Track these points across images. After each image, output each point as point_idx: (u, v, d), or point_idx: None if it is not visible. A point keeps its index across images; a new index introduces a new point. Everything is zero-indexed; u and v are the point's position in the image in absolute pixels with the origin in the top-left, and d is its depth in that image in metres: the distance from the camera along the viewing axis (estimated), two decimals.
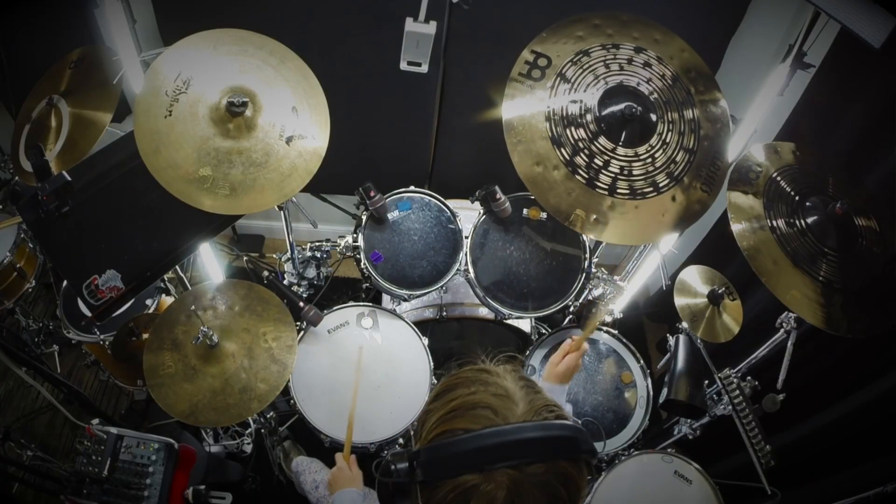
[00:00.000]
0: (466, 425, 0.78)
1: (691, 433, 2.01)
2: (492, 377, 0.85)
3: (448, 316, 2.23)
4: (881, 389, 1.75)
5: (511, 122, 1.52)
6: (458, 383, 0.85)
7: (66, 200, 1.50)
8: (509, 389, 0.83)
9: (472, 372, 0.87)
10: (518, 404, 0.80)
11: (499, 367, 0.88)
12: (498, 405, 0.80)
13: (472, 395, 0.82)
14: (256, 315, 1.75)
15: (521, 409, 0.80)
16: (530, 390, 0.84)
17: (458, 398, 0.82)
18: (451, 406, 0.82)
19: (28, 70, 1.89)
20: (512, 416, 0.79)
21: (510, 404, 0.80)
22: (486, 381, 0.84)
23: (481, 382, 0.84)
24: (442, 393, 0.86)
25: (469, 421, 0.79)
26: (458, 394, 0.83)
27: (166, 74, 1.45)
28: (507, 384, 0.84)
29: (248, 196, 1.45)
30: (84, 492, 1.69)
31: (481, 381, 0.84)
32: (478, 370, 0.87)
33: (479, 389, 0.82)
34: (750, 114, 1.79)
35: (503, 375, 0.86)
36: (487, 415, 0.79)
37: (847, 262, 1.52)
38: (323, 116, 1.55)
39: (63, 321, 2.19)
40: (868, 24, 1.36)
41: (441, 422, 0.81)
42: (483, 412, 0.79)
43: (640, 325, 3.16)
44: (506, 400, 0.81)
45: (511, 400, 0.81)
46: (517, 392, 0.82)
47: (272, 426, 2.20)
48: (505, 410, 0.79)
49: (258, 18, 1.67)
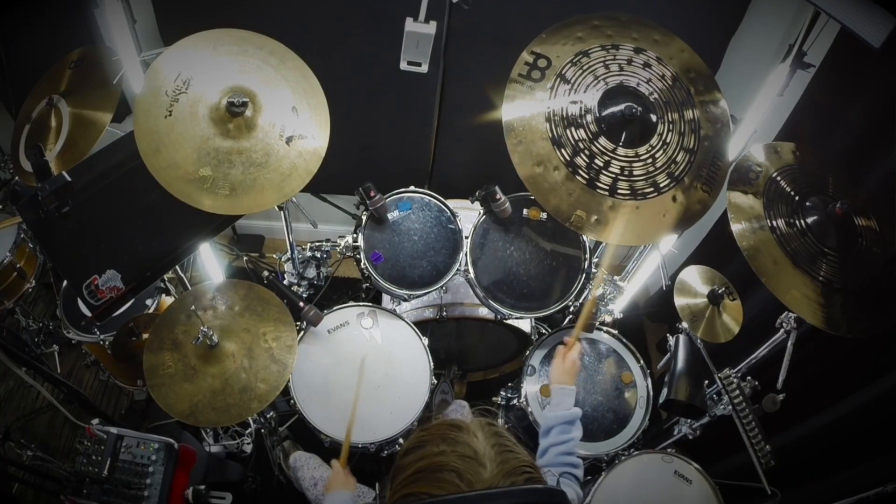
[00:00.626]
0: (430, 489, 0.77)
1: (691, 433, 2.01)
2: (462, 435, 0.83)
3: (448, 316, 2.23)
4: (881, 389, 1.75)
5: (511, 124, 1.52)
6: (428, 440, 0.84)
7: (66, 200, 1.50)
8: (478, 450, 0.80)
9: (444, 428, 0.85)
10: (486, 467, 0.78)
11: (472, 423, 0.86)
12: (464, 469, 0.77)
13: (440, 455, 0.80)
14: (256, 315, 1.75)
15: (488, 472, 0.78)
16: (502, 449, 0.81)
17: (426, 458, 0.81)
18: (418, 467, 0.80)
19: (28, 70, 1.90)
20: (478, 482, 0.76)
21: (477, 468, 0.78)
22: (456, 439, 0.82)
23: (450, 441, 0.82)
24: (412, 449, 0.85)
25: (433, 485, 0.77)
26: (426, 452, 0.82)
27: (166, 74, 1.45)
28: (476, 444, 0.81)
29: (248, 196, 1.45)
30: (84, 492, 1.69)
31: (450, 439, 0.82)
32: (448, 425, 0.85)
33: (446, 450, 0.80)
34: (750, 114, 1.79)
35: (474, 432, 0.83)
36: (452, 479, 0.77)
37: (847, 262, 1.52)
38: (323, 116, 1.55)
39: (63, 321, 2.19)
40: (868, 24, 1.36)
41: (407, 483, 0.80)
42: (448, 476, 0.77)
43: (640, 325, 3.16)
44: (473, 463, 0.78)
45: (478, 462, 0.79)
46: (487, 453, 0.80)
47: (272, 426, 2.20)
48: (470, 475, 0.77)
49: (258, 18, 1.67)
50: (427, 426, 0.88)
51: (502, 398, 2.29)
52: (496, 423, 0.87)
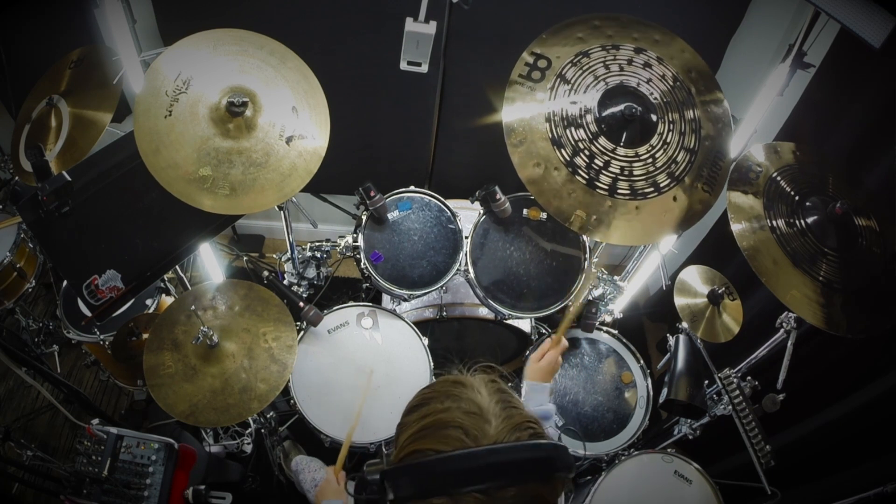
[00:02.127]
0: (436, 446, 0.77)
1: (691, 433, 2.01)
2: (466, 391, 0.83)
3: (448, 316, 2.23)
4: (881, 389, 1.75)
5: (511, 124, 1.52)
6: (432, 397, 0.84)
7: (66, 200, 1.50)
8: (482, 406, 0.80)
9: (447, 385, 0.85)
10: (491, 422, 0.78)
11: (475, 379, 0.86)
12: (469, 425, 0.78)
13: (444, 412, 0.80)
14: (256, 315, 1.75)
15: (493, 427, 0.78)
16: (506, 405, 0.82)
17: (430, 415, 0.81)
18: (423, 424, 0.80)
19: (28, 70, 1.89)
20: (483, 437, 0.77)
21: (482, 423, 0.78)
22: (460, 395, 0.82)
23: (454, 398, 0.82)
24: (416, 406, 0.85)
25: (439, 441, 0.77)
26: (430, 409, 0.82)
27: (166, 74, 1.45)
28: (480, 399, 0.81)
29: (248, 196, 1.45)
30: (84, 492, 1.69)
31: (454, 395, 0.82)
32: (452, 382, 0.85)
33: (451, 406, 0.81)
34: (750, 114, 1.79)
35: (478, 389, 0.83)
36: (458, 435, 0.77)
37: (847, 262, 1.52)
38: (323, 116, 1.55)
39: (63, 321, 2.20)
40: (868, 24, 1.36)
41: (412, 440, 0.80)
42: (453, 432, 0.77)
43: (640, 325, 3.16)
44: (478, 418, 0.79)
45: (483, 418, 0.79)
46: (491, 408, 0.80)
47: (272, 426, 2.20)
48: (476, 430, 0.77)
49: (258, 18, 1.67)
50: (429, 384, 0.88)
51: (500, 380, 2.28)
52: (497, 380, 0.88)
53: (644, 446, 2.08)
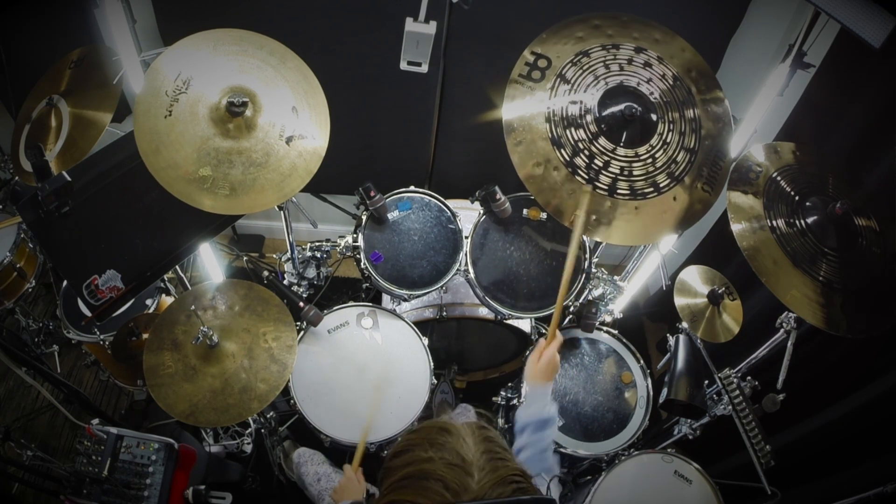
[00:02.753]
0: (415, 499, 0.75)
1: (691, 433, 2.01)
2: (451, 440, 0.81)
3: (448, 316, 2.23)
4: (881, 389, 1.75)
5: (511, 124, 1.52)
6: (417, 444, 0.82)
7: (66, 200, 1.50)
8: (466, 458, 0.78)
9: (433, 432, 0.83)
10: (474, 476, 0.76)
11: (462, 426, 0.84)
12: (451, 478, 0.76)
13: (427, 462, 0.78)
14: (256, 315, 1.75)
15: (476, 482, 0.76)
16: (492, 457, 0.80)
17: (413, 464, 0.79)
18: (405, 473, 0.79)
19: (28, 70, 1.89)
20: (464, 492, 0.74)
21: (464, 477, 0.76)
22: (444, 444, 0.80)
23: (438, 447, 0.80)
24: (399, 453, 0.84)
25: (419, 494, 0.76)
26: (413, 457, 0.80)
27: (166, 74, 1.45)
28: (465, 451, 0.79)
29: (248, 196, 1.45)
30: (84, 492, 1.69)
31: (439, 444, 0.80)
32: (438, 429, 0.83)
33: (433, 456, 0.79)
34: (750, 114, 1.79)
35: (464, 438, 0.81)
36: (438, 489, 0.75)
37: (847, 262, 1.52)
38: (323, 116, 1.55)
39: (63, 321, 2.20)
40: (868, 24, 1.36)
41: (394, 488, 0.79)
42: (434, 485, 0.75)
43: (640, 325, 3.16)
44: (460, 472, 0.77)
45: (466, 471, 0.77)
46: (476, 460, 0.78)
47: (272, 426, 2.20)
48: (457, 484, 0.75)
49: (258, 18, 1.67)
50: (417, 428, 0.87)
51: (502, 398, 2.29)
52: (488, 427, 0.86)
53: (644, 446, 2.08)
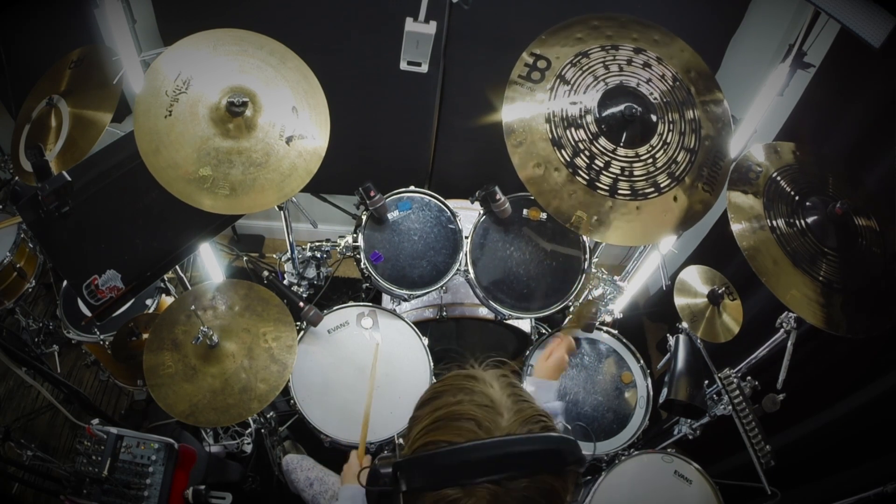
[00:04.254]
0: (449, 437, 0.78)
1: (691, 433, 2.01)
2: (478, 385, 0.83)
3: (448, 316, 2.23)
4: (881, 389, 1.75)
5: (511, 125, 1.52)
6: (445, 390, 0.84)
7: (66, 200, 1.50)
8: (495, 399, 0.81)
9: (459, 379, 0.86)
10: (503, 415, 0.79)
11: (487, 373, 0.87)
12: (482, 417, 0.78)
13: (457, 404, 0.81)
14: (256, 315, 1.75)
15: (505, 420, 0.79)
16: (518, 399, 0.82)
17: (443, 408, 0.81)
18: (436, 416, 0.81)
19: (28, 70, 1.89)
20: (496, 429, 0.77)
21: (495, 416, 0.79)
22: (472, 389, 0.83)
23: (467, 391, 0.82)
24: (428, 400, 0.85)
25: (452, 433, 0.78)
26: (443, 402, 0.82)
27: (166, 74, 1.45)
28: (493, 393, 0.82)
29: (248, 196, 1.45)
30: (84, 492, 1.69)
31: (467, 389, 0.83)
32: (465, 376, 0.86)
33: (463, 399, 0.81)
34: (750, 114, 1.79)
35: (490, 382, 0.84)
36: (471, 427, 0.78)
37: (847, 262, 1.52)
38: (323, 116, 1.55)
39: (63, 321, 2.19)
40: (868, 24, 1.36)
41: (425, 432, 0.81)
42: (466, 424, 0.78)
43: (640, 325, 3.16)
44: (490, 411, 0.79)
45: (496, 411, 0.79)
46: (503, 402, 0.81)
47: (272, 426, 2.20)
48: (489, 422, 0.78)
49: (258, 18, 1.67)
50: (442, 378, 0.89)
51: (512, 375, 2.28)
52: (509, 374, 0.88)
53: (644, 446, 2.08)
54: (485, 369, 0.89)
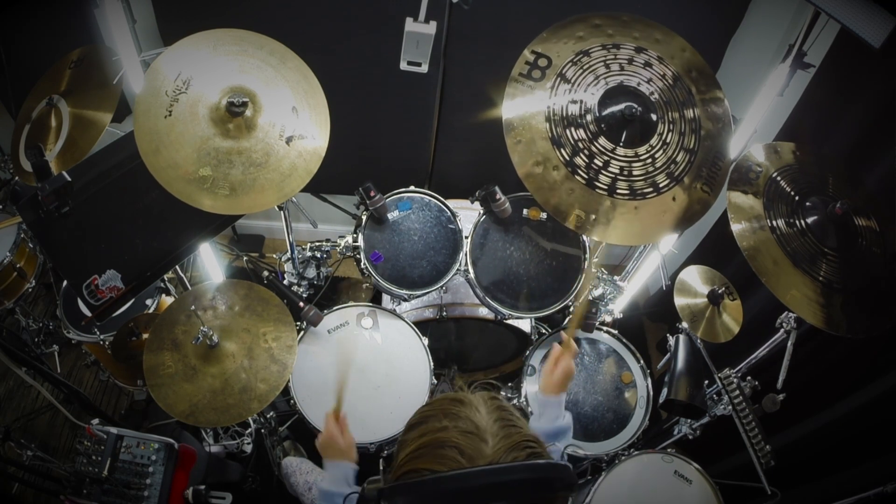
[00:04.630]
0: (432, 466, 0.77)
1: (691, 433, 2.01)
2: (464, 409, 0.82)
3: (448, 316, 2.23)
4: (881, 389, 1.75)
5: (511, 123, 1.52)
6: (431, 415, 0.84)
7: (66, 200, 1.50)
8: (480, 425, 0.80)
9: (445, 403, 0.85)
10: (488, 441, 0.78)
11: (474, 397, 0.86)
12: (466, 445, 0.77)
13: (442, 431, 0.80)
14: (256, 315, 1.75)
15: (490, 447, 0.78)
16: (505, 424, 0.81)
17: (428, 434, 0.81)
18: (421, 443, 0.80)
19: (28, 70, 1.89)
20: (480, 457, 0.76)
21: (478, 443, 0.78)
22: (458, 414, 0.82)
23: (452, 416, 0.82)
24: (415, 425, 0.85)
25: (435, 461, 0.77)
26: (428, 428, 0.82)
27: (166, 74, 1.45)
28: (478, 419, 0.81)
29: (248, 196, 1.45)
30: (84, 492, 1.69)
31: (452, 414, 0.82)
32: (451, 400, 0.85)
33: (447, 425, 0.80)
34: (750, 114, 1.79)
35: (476, 407, 0.83)
36: (453, 455, 0.77)
37: (847, 262, 1.52)
38: (323, 116, 1.55)
39: (63, 321, 2.19)
40: (868, 24, 1.36)
41: (409, 458, 0.80)
42: (449, 452, 0.77)
43: (640, 325, 3.16)
44: (474, 438, 0.78)
45: (480, 437, 0.79)
46: (489, 427, 0.80)
47: (272, 426, 2.20)
48: (472, 450, 0.77)
49: (258, 18, 1.67)
50: (430, 401, 0.88)
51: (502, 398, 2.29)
52: (499, 397, 0.87)
53: (644, 446, 2.08)
54: (473, 391, 0.88)
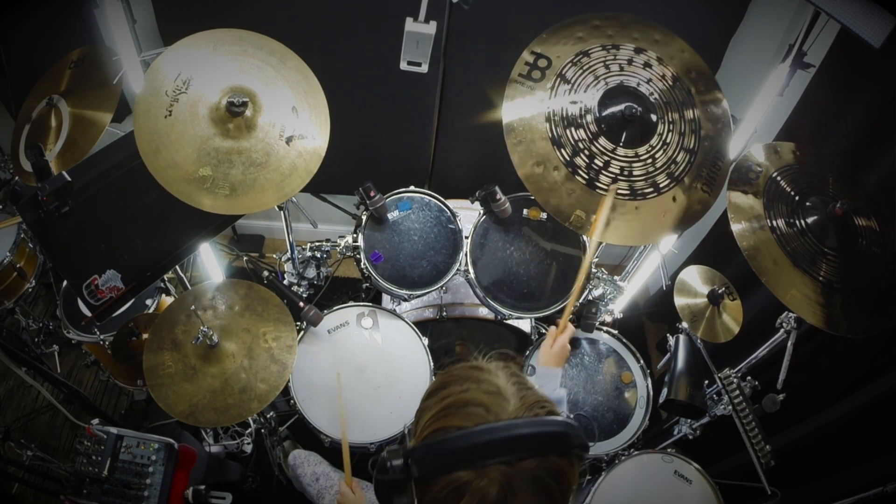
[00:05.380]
0: (459, 423, 0.80)
1: (691, 433, 2.01)
2: (484, 374, 0.86)
3: (448, 316, 2.23)
4: (881, 389, 1.75)
5: (511, 123, 1.52)
6: (451, 381, 0.87)
7: (66, 200, 1.50)
8: (501, 386, 0.84)
9: (465, 369, 0.88)
10: (509, 401, 0.82)
11: (491, 364, 0.89)
12: (490, 402, 0.81)
13: (465, 392, 0.83)
14: (256, 315, 1.75)
15: (512, 405, 0.81)
16: (522, 386, 0.85)
17: (451, 396, 0.84)
18: (445, 404, 0.83)
19: (28, 70, 1.90)
20: (503, 413, 0.80)
21: (501, 401, 0.81)
22: (479, 378, 0.85)
23: (473, 380, 0.85)
24: (436, 390, 0.87)
25: (462, 418, 0.80)
26: (451, 391, 0.85)
27: (166, 74, 1.45)
28: (498, 381, 0.85)
29: (248, 196, 1.45)
30: (84, 492, 1.69)
31: (473, 378, 0.86)
32: (470, 367, 0.89)
33: (471, 387, 0.84)
34: (750, 114, 1.79)
35: (495, 372, 0.87)
36: (480, 412, 0.80)
37: (847, 262, 1.52)
38: (323, 116, 1.55)
39: (63, 321, 2.20)
40: (868, 24, 1.36)
41: (435, 419, 0.83)
42: (475, 410, 0.80)
43: (640, 325, 3.16)
44: (497, 397, 0.82)
45: (502, 397, 0.82)
46: (508, 389, 0.84)
47: (272, 426, 2.20)
48: (496, 408, 0.80)
49: (258, 18, 1.67)
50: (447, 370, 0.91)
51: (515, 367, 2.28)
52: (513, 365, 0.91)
53: (644, 446, 2.08)
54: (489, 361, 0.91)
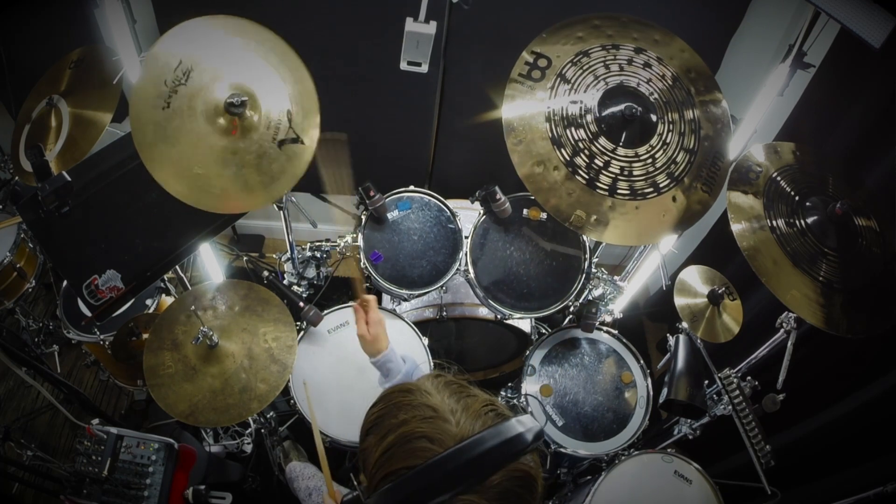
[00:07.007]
0: (407, 463, 0.75)
1: (691, 433, 2.00)
2: (415, 397, 0.81)
3: (448, 316, 2.23)
4: (881, 389, 1.75)
5: (511, 123, 1.52)
6: (384, 414, 0.82)
7: (66, 200, 1.50)
8: (436, 406, 0.79)
9: (394, 396, 0.83)
10: (450, 420, 0.77)
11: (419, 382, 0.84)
12: (430, 431, 0.76)
13: (402, 426, 0.78)
14: (256, 315, 1.75)
15: (455, 423, 0.76)
16: (461, 395, 0.81)
17: (390, 434, 0.78)
18: (385, 445, 0.78)
19: (28, 70, 1.90)
20: (448, 438, 0.75)
21: (442, 424, 0.76)
22: (411, 403, 0.80)
23: (407, 407, 0.80)
24: (371, 428, 0.82)
25: (408, 457, 0.75)
26: (387, 426, 0.79)
27: (167, 61, 1.42)
28: (432, 401, 0.80)
29: (246, 196, 1.45)
30: (84, 492, 1.69)
31: (405, 404, 0.80)
32: (399, 392, 0.83)
33: (406, 418, 0.78)
34: (750, 114, 1.79)
35: (426, 391, 0.82)
36: (424, 445, 0.75)
37: (847, 262, 1.52)
38: (314, 121, 1.53)
39: (63, 321, 2.20)
40: (868, 24, 1.36)
41: (381, 464, 0.78)
42: (419, 444, 0.75)
43: (640, 325, 3.16)
44: (436, 421, 0.77)
45: (441, 419, 0.77)
46: (445, 405, 0.79)
47: (272, 426, 2.20)
48: (439, 434, 0.75)
49: (258, 19, 1.66)
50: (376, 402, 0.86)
51: (502, 398, 2.29)
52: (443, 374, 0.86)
53: (644, 446, 2.08)
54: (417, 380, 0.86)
